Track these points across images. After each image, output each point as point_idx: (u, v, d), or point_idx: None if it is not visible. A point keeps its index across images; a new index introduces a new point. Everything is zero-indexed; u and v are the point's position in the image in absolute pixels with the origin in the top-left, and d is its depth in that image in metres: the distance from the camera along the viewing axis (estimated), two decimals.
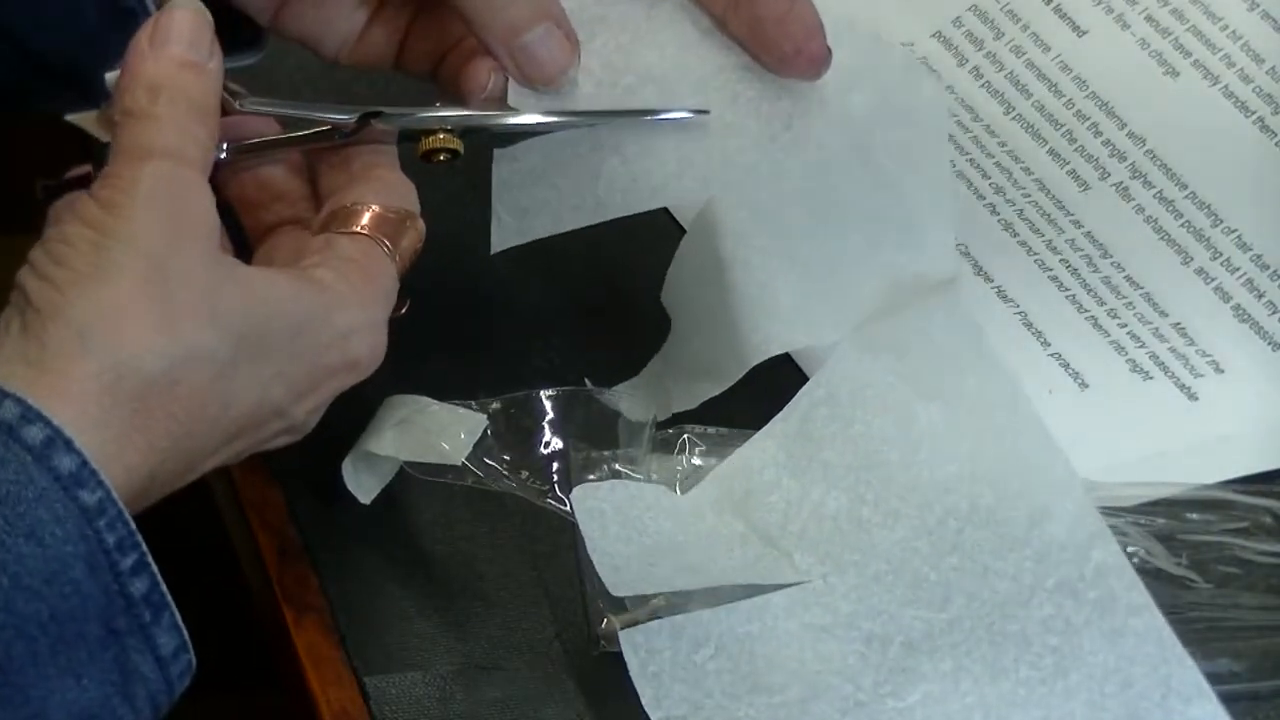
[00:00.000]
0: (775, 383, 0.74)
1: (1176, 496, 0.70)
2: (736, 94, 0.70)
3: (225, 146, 0.67)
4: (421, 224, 0.67)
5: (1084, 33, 0.87)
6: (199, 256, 0.60)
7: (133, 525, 0.57)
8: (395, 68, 0.73)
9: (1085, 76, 0.86)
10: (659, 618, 0.65)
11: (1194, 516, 0.69)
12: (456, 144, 0.68)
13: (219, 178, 0.66)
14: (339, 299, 0.63)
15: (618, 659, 0.65)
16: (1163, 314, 0.77)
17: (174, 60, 0.62)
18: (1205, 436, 0.73)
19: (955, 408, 0.68)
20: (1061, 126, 0.85)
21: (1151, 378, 0.75)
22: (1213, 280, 0.79)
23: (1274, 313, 0.77)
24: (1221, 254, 0.79)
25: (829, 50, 0.69)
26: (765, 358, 0.69)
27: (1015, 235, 0.81)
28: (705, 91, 0.70)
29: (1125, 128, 0.84)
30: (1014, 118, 0.85)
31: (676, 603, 0.65)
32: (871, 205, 0.72)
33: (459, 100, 0.69)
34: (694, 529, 0.67)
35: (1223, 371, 0.76)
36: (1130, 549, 0.67)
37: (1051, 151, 0.84)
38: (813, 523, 0.66)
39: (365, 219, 0.65)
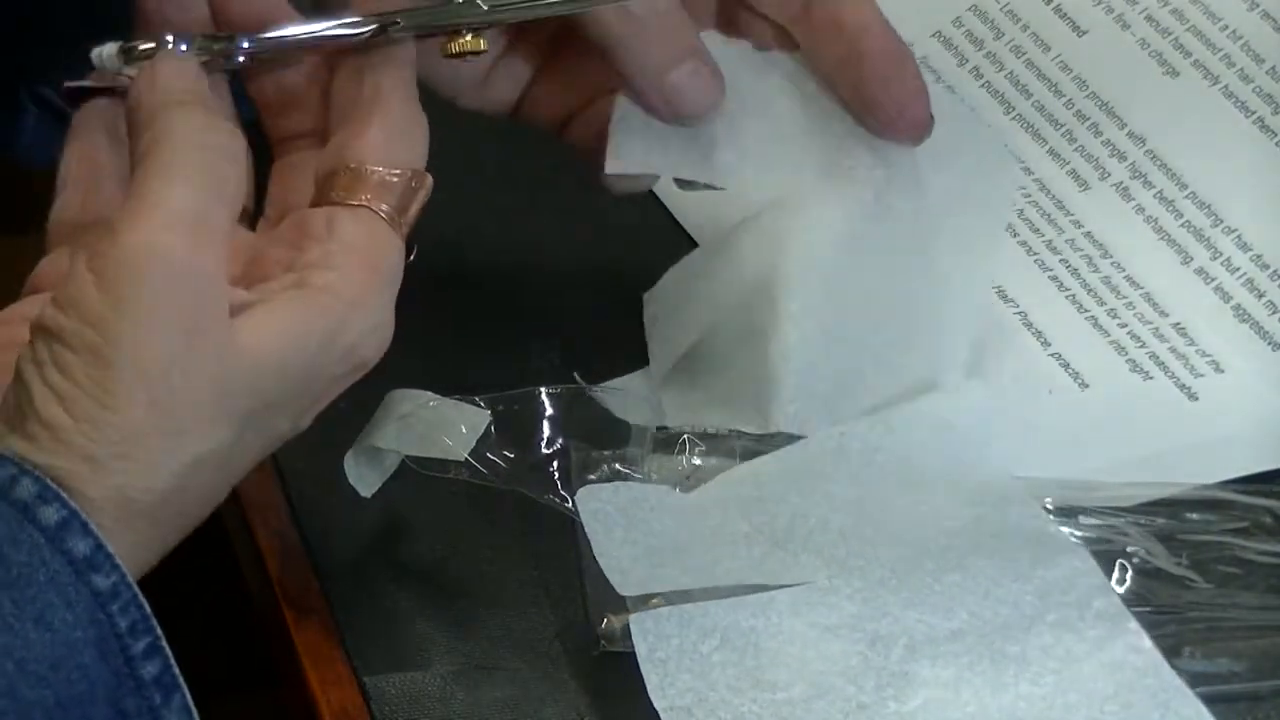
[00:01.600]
0: None
1: (1176, 496, 0.70)
2: (834, 162, 0.70)
3: (244, 45, 0.65)
4: (429, 180, 0.65)
5: (1084, 33, 0.87)
6: (207, 355, 0.58)
7: (147, 609, 0.56)
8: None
9: (1085, 76, 0.86)
10: None
11: (1194, 516, 0.69)
12: (482, 44, 0.66)
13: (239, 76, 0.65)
14: (345, 311, 0.61)
15: (618, 659, 0.65)
16: (1163, 314, 0.78)
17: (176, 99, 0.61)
18: (1205, 436, 0.73)
19: (959, 494, 0.68)
20: (1061, 126, 0.85)
21: (1151, 378, 0.75)
22: (1213, 280, 0.79)
23: (1274, 313, 0.77)
24: (1221, 254, 0.79)
25: (931, 117, 0.69)
26: (759, 432, 0.70)
27: (1015, 235, 0.81)
28: (806, 154, 0.70)
29: (1125, 128, 0.84)
30: (1014, 118, 0.85)
31: (677, 601, 0.65)
32: (913, 297, 0.72)
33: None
34: (699, 527, 0.67)
35: (1223, 371, 0.76)
36: (1130, 549, 0.67)
37: (1051, 151, 0.84)
38: (818, 532, 0.67)
39: (369, 186, 0.63)
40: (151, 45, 0.64)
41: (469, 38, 0.66)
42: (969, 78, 0.87)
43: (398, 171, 0.63)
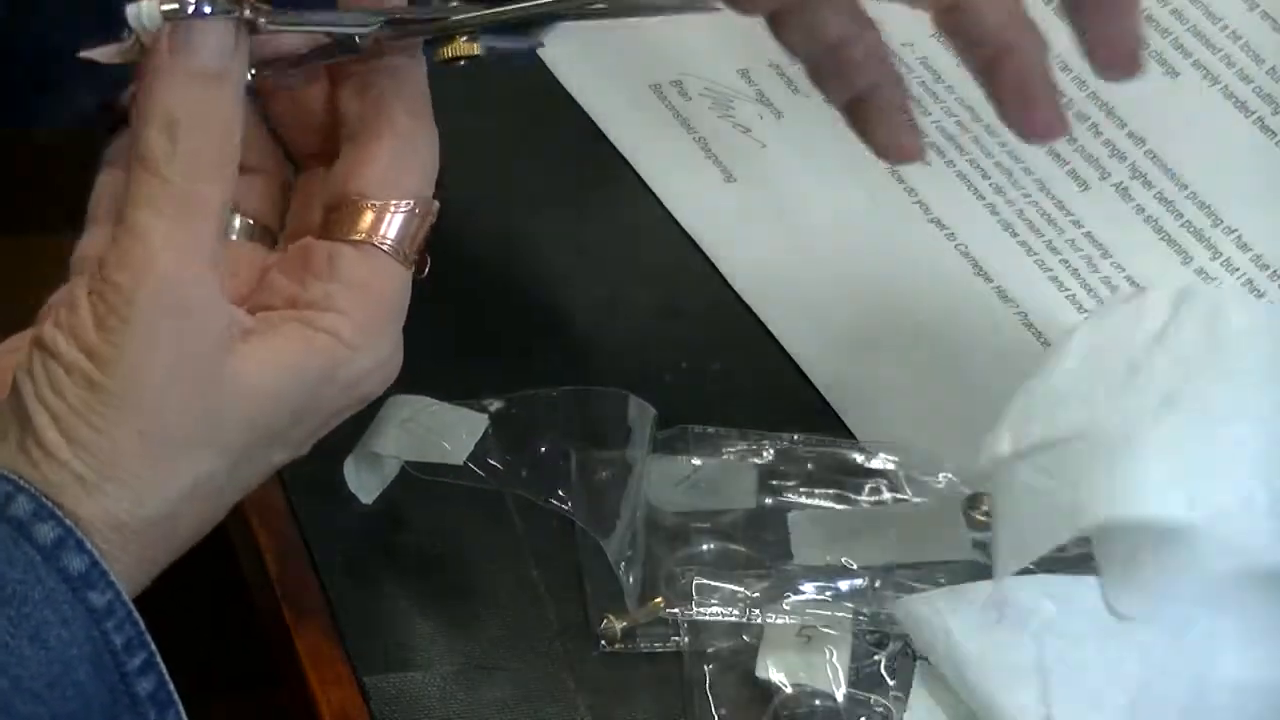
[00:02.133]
0: (777, 383, 0.74)
1: None
2: None
3: (264, 21, 0.60)
4: (435, 205, 0.63)
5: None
6: (200, 382, 0.57)
7: (141, 625, 0.56)
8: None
9: (1085, 76, 0.86)
10: (659, 618, 0.65)
11: None
12: (475, 49, 0.62)
13: (257, 93, 0.63)
14: (347, 353, 0.60)
15: (618, 659, 0.65)
16: None
17: (193, 78, 0.58)
18: None
19: None
20: None
21: None
22: (1213, 280, 0.79)
23: None
24: (1221, 254, 0.79)
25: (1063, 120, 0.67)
26: None
27: (1015, 235, 0.81)
28: None
29: (1125, 128, 0.84)
30: None
31: (679, 602, 0.66)
32: None
33: None
34: None
35: None
36: None
37: (1051, 151, 0.84)
38: None
39: (372, 220, 0.61)
40: (175, 6, 0.58)
41: (463, 41, 0.63)
42: (969, 77, 0.87)
43: (403, 203, 0.62)
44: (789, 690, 0.64)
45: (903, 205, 0.82)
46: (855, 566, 0.67)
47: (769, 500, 0.70)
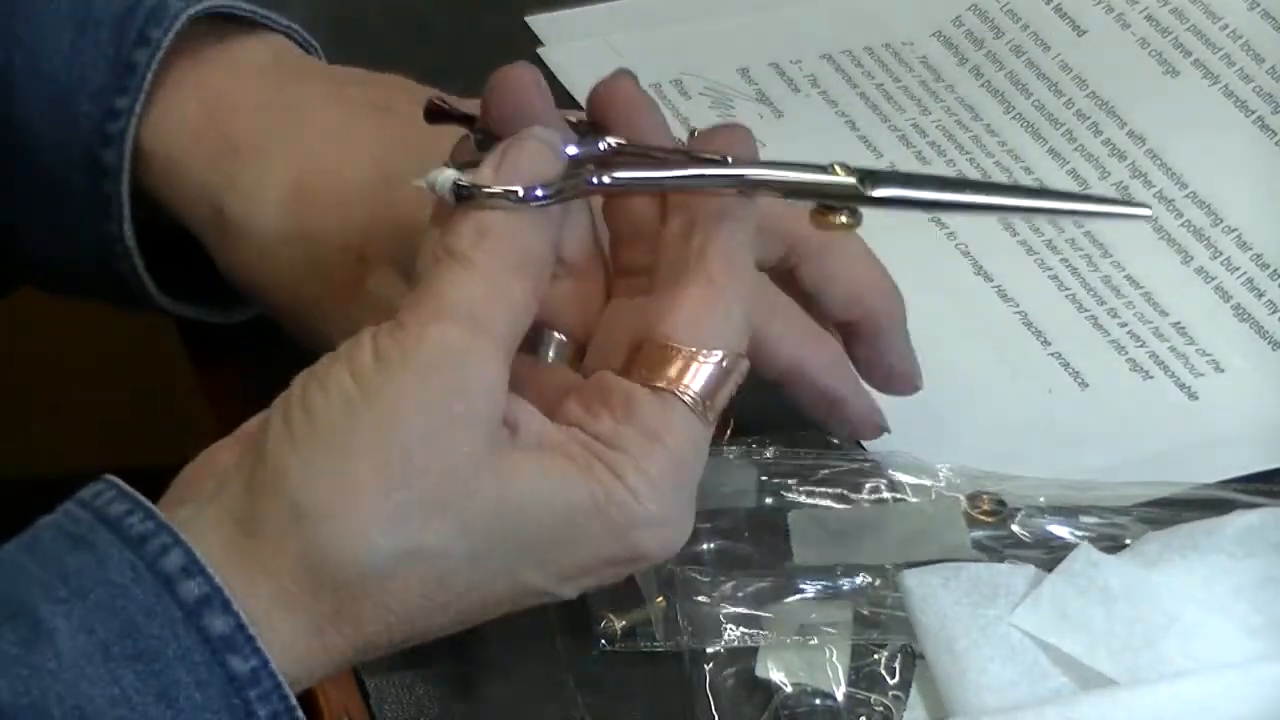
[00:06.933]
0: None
1: (1176, 496, 0.70)
2: None
3: (593, 182, 0.59)
4: (744, 364, 0.58)
5: (1084, 32, 0.87)
6: (459, 447, 0.55)
7: (292, 700, 0.54)
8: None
9: (1085, 76, 0.86)
10: (660, 618, 0.65)
11: (1194, 516, 0.69)
12: (852, 223, 0.60)
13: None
14: (625, 495, 0.56)
15: (618, 658, 0.65)
16: (1163, 313, 0.78)
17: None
18: (1205, 436, 0.73)
19: None
20: (1061, 126, 0.85)
21: (1151, 377, 0.75)
22: (1213, 280, 0.79)
23: (1274, 312, 0.77)
24: (1221, 253, 0.79)
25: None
26: None
27: (1015, 235, 0.81)
28: None
29: (1125, 127, 0.84)
30: (1014, 117, 0.85)
31: (679, 602, 0.66)
32: None
33: None
34: None
35: (1223, 371, 0.76)
36: None
37: (1051, 151, 0.84)
38: None
39: (675, 367, 0.57)
40: (498, 193, 0.56)
41: (844, 219, 0.60)
42: (969, 77, 0.87)
43: (713, 354, 0.58)
44: (789, 689, 0.64)
45: None
46: (855, 566, 0.67)
47: (769, 500, 0.70)
